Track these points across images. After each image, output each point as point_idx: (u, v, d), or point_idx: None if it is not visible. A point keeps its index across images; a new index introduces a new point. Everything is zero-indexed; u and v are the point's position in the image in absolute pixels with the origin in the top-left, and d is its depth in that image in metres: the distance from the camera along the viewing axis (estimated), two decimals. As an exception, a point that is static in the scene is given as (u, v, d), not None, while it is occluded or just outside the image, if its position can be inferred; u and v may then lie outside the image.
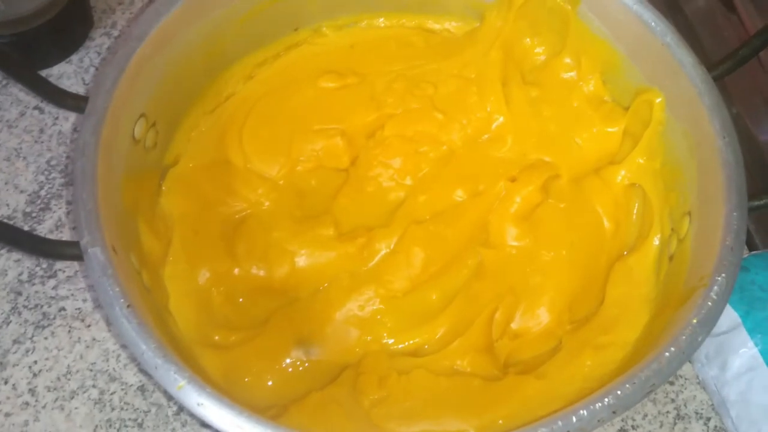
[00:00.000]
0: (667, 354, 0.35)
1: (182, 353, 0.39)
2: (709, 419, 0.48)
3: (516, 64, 0.50)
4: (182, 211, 0.46)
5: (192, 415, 0.47)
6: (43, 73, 0.58)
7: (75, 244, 0.37)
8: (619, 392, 0.34)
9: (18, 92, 0.58)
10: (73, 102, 0.40)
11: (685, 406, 0.49)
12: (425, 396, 0.41)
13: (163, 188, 0.46)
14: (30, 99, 0.57)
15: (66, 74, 0.58)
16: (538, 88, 0.50)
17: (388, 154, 0.49)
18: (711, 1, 0.62)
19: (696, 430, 0.48)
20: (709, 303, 0.36)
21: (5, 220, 0.52)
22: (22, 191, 0.53)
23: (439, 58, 0.51)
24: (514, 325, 0.45)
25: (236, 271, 0.45)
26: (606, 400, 0.34)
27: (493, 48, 0.50)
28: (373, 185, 0.49)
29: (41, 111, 0.57)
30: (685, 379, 0.49)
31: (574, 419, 0.34)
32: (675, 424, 0.48)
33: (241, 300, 0.45)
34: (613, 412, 0.34)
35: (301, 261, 0.46)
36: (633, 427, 0.48)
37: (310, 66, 0.51)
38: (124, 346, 0.48)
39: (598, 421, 0.34)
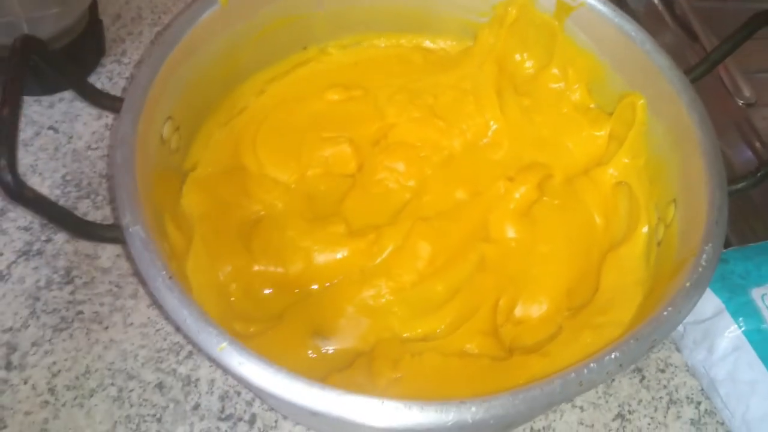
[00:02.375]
0: (665, 312, 0.38)
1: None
2: (699, 403, 0.51)
3: (508, 76, 0.55)
4: (202, 212, 0.48)
5: (209, 410, 0.48)
6: (56, 96, 0.61)
7: (114, 228, 0.39)
8: (624, 347, 0.37)
9: (32, 114, 0.60)
10: (109, 102, 0.42)
11: (676, 391, 0.52)
12: (437, 375, 0.44)
13: (184, 191, 0.49)
14: (44, 120, 0.60)
15: (77, 97, 0.60)
16: (530, 98, 0.54)
17: (392, 159, 0.52)
18: (678, 34, 0.68)
19: (688, 413, 0.51)
20: (700, 268, 0.40)
21: (23, 231, 0.54)
22: None
23: (438, 71, 0.55)
24: (516, 313, 0.48)
25: (255, 267, 0.47)
26: (614, 354, 0.37)
27: (486, 62, 0.54)
28: (379, 188, 0.52)
29: (56, 131, 0.59)
30: (675, 366, 0.53)
31: (585, 371, 0.36)
32: (668, 408, 0.51)
33: (258, 294, 0.47)
34: (620, 365, 0.37)
35: (315, 257, 0.48)
36: (629, 412, 0.51)
37: (317, 81, 0.55)
38: (165, 319, 0.50)
39: (607, 373, 0.36)
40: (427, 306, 0.47)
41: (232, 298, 0.47)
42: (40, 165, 0.57)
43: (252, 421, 0.48)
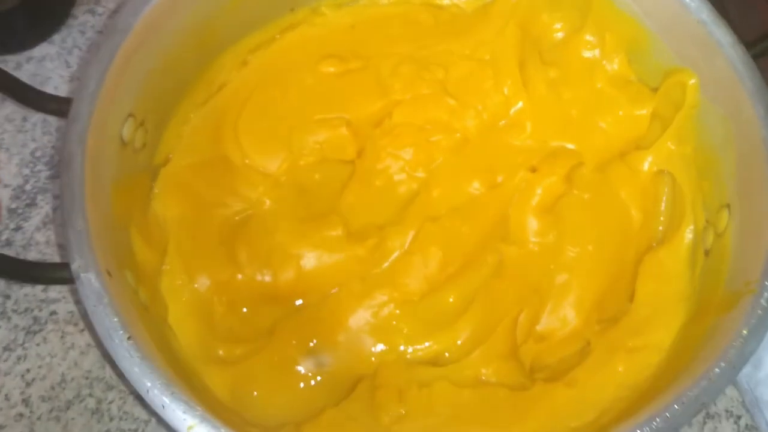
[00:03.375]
0: (717, 370, 0.33)
1: (185, 373, 0.37)
2: (739, 417, 0.46)
3: (533, 42, 0.47)
4: (177, 214, 0.43)
5: None
6: (24, 55, 0.54)
7: (66, 266, 0.33)
8: (667, 414, 0.32)
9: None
10: (56, 105, 0.36)
11: (715, 404, 0.46)
12: (449, 411, 0.39)
13: (155, 191, 0.43)
14: None
15: (49, 56, 0.54)
16: (558, 69, 0.47)
17: (397, 144, 0.46)
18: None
19: (726, 429, 0.46)
20: (759, 311, 0.34)
21: None
22: (5, 186, 0.50)
23: (450, 37, 0.48)
24: (539, 327, 0.43)
25: (239, 277, 0.42)
26: (654, 423, 0.32)
27: (508, 25, 0.47)
28: (382, 179, 0.45)
29: None
30: None
31: (622, 446, 0.31)
32: (705, 423, 0.46)
33: (244, 309, 0.42)
34: (662, 436, 0.32)
35: (308, 265, 0.43)
36: (660, 426, 0.46)
37: (309, 49, 0.47)
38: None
39: (646, 447, 0.31)
40: (438, 320, 0.42)
41: (216, 316, 0.42)
42: (7, 139, 0.51)
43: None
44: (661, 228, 0.44)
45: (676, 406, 0.32)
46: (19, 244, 0.48)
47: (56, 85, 0.54)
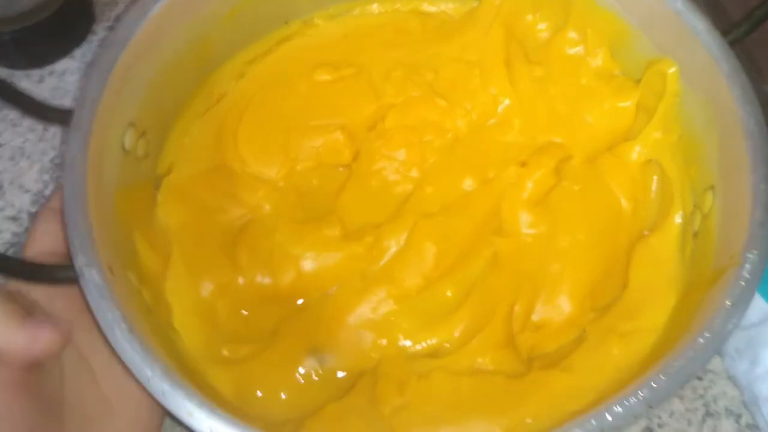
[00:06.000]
0: (701, 340, 0.33)
1: (190, 373, 0.38)
2: (740, 416, 0.46)
3: (518, 42, 0.48)
4: (180, 221, 0.44)
5: None
6: (46, 69, 0.57)
7: (70, 267, 0.35)
8: (653, 384, 0.32)
9: (21, 89, 0.56)
10: (58, 115, 0.38)
11: (714, 402, 0.46)
12: (447, 399, 0.39)
13: (159, 199, 0.44)
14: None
15: (69, 70, 0.57)
16: (544, 67, 0.47)
17: (391, 146, 0.47)
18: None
19: (726, 428, 0.45)
20: (742, 282, 0.34)
21: (11, 221, 0.51)
22: (27, 191, 0.52)
23: (438, 42, 0.49)
24: (534, 317, 0.43)
25: (240, 280, 0.43)
26: (640, 393, 0.32)
27: (493, 27, 0.48)
28: (377, 180, 0.46)
29: None
30: (715, 374, 0.47)
31: (608, 416, 0.32)
32: (704, 421, 0.45)
33: (247, 311, 0.43)
34: (650, 407, 0.32)
35: (307, 265, 0.43)
36: (659, 426, 0.45)
37: (303, 59, 0.49)
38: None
39: (634, 416, 0.32)
40: (436, 314, 0.43)
41: (219, 318, 0.43)
42: (28, 147, 0.54)
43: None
44: (651, 216, 0.44)
45: (662, 377, 0.32)
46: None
47: (76, 97, 0.55)
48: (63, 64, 0.57)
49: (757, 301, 0.43)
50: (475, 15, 0.49)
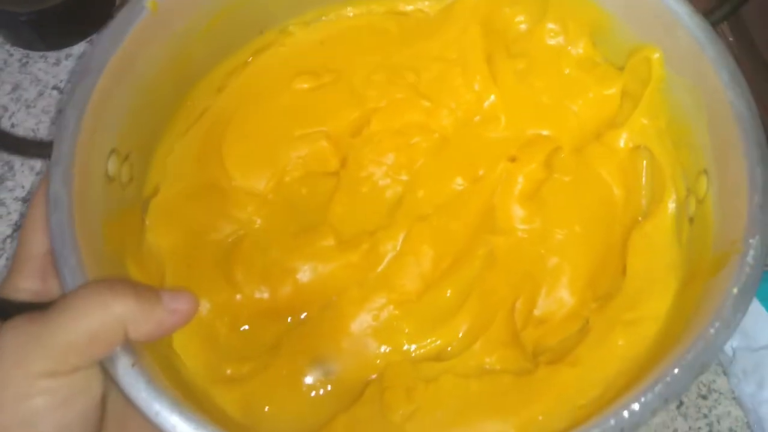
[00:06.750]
0: (712, 330, 0.33)
1: (196, 397, 0.37)
2: None
3: (498, 36, 0.47)
4: (170, 243, 0.43)
5: None
6: (64, 52, 0.57)
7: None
8: (668, 379, 0.32)
9: (37, 71, 0.56)
10: (37, 150, 0.36)
11: (718, 422, 0.46)
12: (457, 402, 0.39)
13: (147, 223, 0.43)
14: (49, 79, 0.56)
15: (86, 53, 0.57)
16: (525, 60, 0.47)
17: (378, 150, 0.46)
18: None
19: None
20: (747, 269, 0.34)
21: (20, 202, 0.51)
22: (38, 173, 0.51)
23: (417, 41, 0.48)
24: (537, 312, 0.43)
25: (238, 297, 0.43)
26: (656, 388, 0.32)
27: (470, 23, 0.47)
28: (367, 186, 0.46)
29: (61, 92, 0.55)
30: (720, 393, 0.47)
31: (626, 414, 0.32)
32: None
33: (247, 327, 0.42)
34: (666, 401, 0.32)
35: (304, 277, 0.43)
36: (662, 443, 0.46)
37: (281, 69, 0.48)
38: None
39: (652, 412, 0.32)
40: (438, 316, 0.43)
41: (219, 337, 0.42)
42: (42, 129, 0.53)
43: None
44: (644, 202, 0.45)
45: (676, 371, 0.32)
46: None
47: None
48: (80, 48, 0.57)
49: (767, 323, 0.43)
50: (452, 12, 0.48)
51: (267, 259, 0.43)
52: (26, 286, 0.34)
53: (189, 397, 0.34)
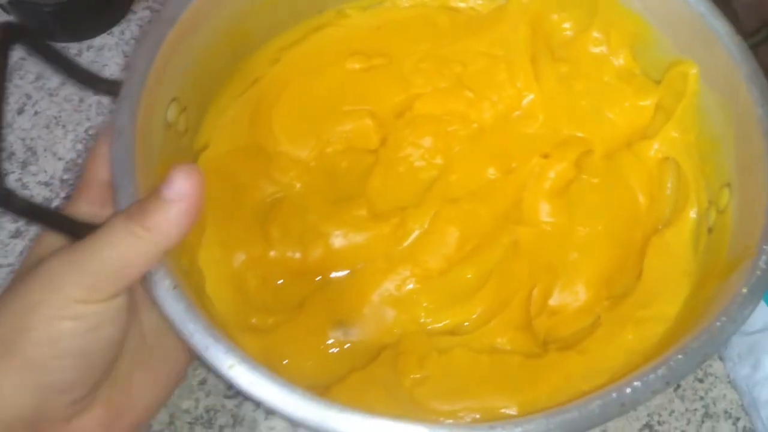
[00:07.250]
0: (718, 324, 0.35)
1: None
2: (738, 419, 0.47)
3: (544, 40, 0.50)
4: (214, 195, 0.45)
5: (216, 386, 0.48)
6: (85, 44, 0.59)
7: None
8: (672, 363, 0.34)
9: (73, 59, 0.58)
10: (107, 86, 0.39)
11: (714, 404, 0.48)
12: (466, 374, 0.41)
13: (195, 173, 0.46)
14: None
15: (107, 46, 0.58)
16: (568, 64, 0.49)
17: (418, 133, 0.48)
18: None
19: (724, 430, 0.47)
20: (758, 272, 0.36)
21: (43, 186, 0.53)
22: (60, 158, 0.54)
23: (466, 36, 0.51)
24: (552, 302, 0.45)
25: (272, 254, 0.45)
26: (659, 371, 0.34)
27: (520, 25, 0.50)
28: (404, 165, 0.48)
29: None
30: (715, 377, 0.49)
31: (628, 390, 0.33)
32: (702, 422, 0.47)
33: (277, 283, 0.45)
34: (667, 383, 0.34)
35: (336, 242, 0.45)
36: (659, 423, 0.47)
37: (336, 48, 0.50)
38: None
39: (652, 392, 0.33)
40: (457, 295, 0.45)
41: (250, 288, 0.44)
42: (64, 117, 0.56)
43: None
44: (666, 211, 0.46)
45: (679, 356, 0.34)
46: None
47: (112, 72, 0.58)
48: (101, 40, 0.59)
49: (761, 308, 0.45)
50: (503, 12, 0.51)
51: (303, 222, 0.45)
52: (86, 210, 0.37)
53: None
